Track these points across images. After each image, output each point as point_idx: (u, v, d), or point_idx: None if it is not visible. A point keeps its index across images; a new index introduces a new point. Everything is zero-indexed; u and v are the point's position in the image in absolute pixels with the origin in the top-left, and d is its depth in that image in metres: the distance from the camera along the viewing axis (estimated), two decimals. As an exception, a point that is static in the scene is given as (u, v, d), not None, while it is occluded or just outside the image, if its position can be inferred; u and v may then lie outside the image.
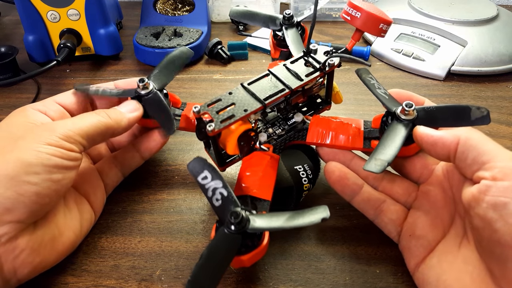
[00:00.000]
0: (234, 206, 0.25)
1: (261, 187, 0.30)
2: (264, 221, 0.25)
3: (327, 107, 0.37)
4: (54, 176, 0.26)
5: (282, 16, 0.38)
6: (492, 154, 0.24)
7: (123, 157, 0.36)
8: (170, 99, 0.36)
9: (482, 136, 0.25)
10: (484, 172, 0.23)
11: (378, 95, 0.30)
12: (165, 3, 0.62)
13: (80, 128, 0.28)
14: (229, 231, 0.24)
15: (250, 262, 0.25)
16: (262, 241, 0.26)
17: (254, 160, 0.31)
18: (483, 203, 0.23)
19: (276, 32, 0.40)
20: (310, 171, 0.32)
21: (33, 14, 0.51)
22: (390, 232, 0.30)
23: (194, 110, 0.29)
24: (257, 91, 0.30)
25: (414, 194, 0.31)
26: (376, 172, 0.26)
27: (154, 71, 0.35)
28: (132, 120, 0.32)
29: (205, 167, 0.27)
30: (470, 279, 0.24)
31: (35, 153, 0.25)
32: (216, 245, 0.24)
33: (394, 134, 0.28)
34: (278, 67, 0.32)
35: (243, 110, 0.29)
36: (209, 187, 0.26)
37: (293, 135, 0.34)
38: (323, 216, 0.24)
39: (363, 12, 0.32)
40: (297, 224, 0.24)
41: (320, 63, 0.32)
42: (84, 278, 0.30)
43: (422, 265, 0.27)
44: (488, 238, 0.23)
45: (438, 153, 0.26)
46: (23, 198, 0.25)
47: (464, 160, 0.25)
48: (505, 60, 0.53)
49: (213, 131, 0.28)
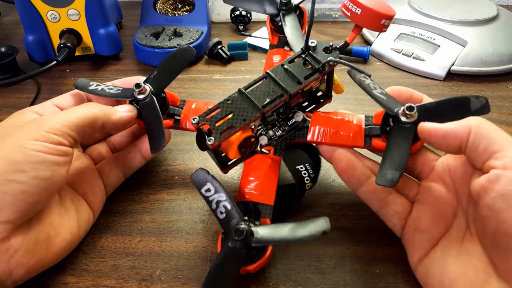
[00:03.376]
0: (238, 219, 0.26)
1: (263, 192, 0.30)
2: (267, 232, 0.26)
3: (328, 101, 0.36)
4: (42, 174, 0.25)
5: (279, 1, 0.37)
6: (503, 143, 0.23)
7: (125, 157, 0.35)
8: (169, 98, 0.35)
9: (492, 125, 0.25)
10: (494, 161, 0.23)
11: (376, 97, 0.30)
12: (165, 3, 0.62)
13: (69, 120, 0.28)
14: (233, 246, 0.25)
15: (255, 270, 0.27)
16: (266, 251, 0.27)
17: (256, 164, 0.32)
18: (492, 193, 0.23)
19: (273, 17, 0.38)
20: (311, 170, 0.32)
21: (33, 14, 0.51)
22: (394, 225, 0.30)
23: (193, 122, 0.28)
24: (255, 97, 0.30)
25: (416, 189, 0.30)
26: (389, 186, 0.26)
27: (154, 71, 0.34)
28: (123, 117, 0.32)
29: (208, 179, 0.27)
30: (473, 272, 0.24)
31: (21, 150, 0.25)
32: (222, 260, 0.26)
33: (400, 141, 0.28)
34: (276, 69, 0.31)
35: (242, 120, 0.29)
36: (213, 200, 0.27)
37: (293, 134, 0.33)
38: (323, 229, 0.24)
39: (362, 8, 0.30)
40: (299, 237, 0.24)
41: (320, 63, 0.31)
42: (84, 278, 0.30)
43: (425, 258, 0.27)
44: (493, 229, 0.23)
45: (450, 145, 0.26)
46: (9, 197, 0.24)
47: (475, 149, 0.24)
48: (505, 60, 0.53)
49: (213, 144, 0.27)
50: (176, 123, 0.36)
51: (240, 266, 0.26)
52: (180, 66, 0.35)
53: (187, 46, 0.36)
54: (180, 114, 0.36)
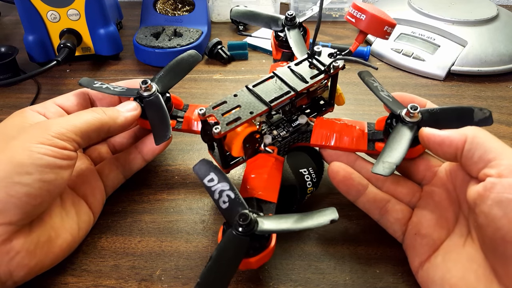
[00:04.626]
0: (242, 208, 0.25)
1: (267, 189, 0.30)
2: (272, 223, 0.25)
3: (330, 109, 0.37)
4: (47, 176, 0.25)
5: (284, 17, 0.38)
6: (498, 152, 0.24)
7: (125, 158, 0.35)
8: (173, 101, 0.36)
9: (489, 135, 0.25)
10: (490, 169, 0.24)
11: (382, 98, 0.30)
12: (165, 3, 0.62)
13: (74, 125, 0.28)
14: (237, 233, 0.24)
15: (258, 264, 0.26)
16: (269, 243, 0.26)
17: (259, 162, 0.32)
18: (488, 200, 0.23)
19: (278, 33, 0.40)
20: (314, 174, 0.32)
21: (33, 14, 0.51)
22: (395, 231, 0.30)
23: (200, 112, 0.28)
24: (262, 93, 0.30)
25: (418, 195, 0.31)
26: (384, 175, 0.26)
27: (160, 73, 0.35)
28: (129, 118, 0.32)
29: (211, 169, 0.27)
30: (475, 277, 0.24)
31: (27, 153, 0.25)
32: (224, 247, 0.24)
33: (400, 137, 0.28)
34: (283, 69, 0.32)
35: (249, 112, 0.29)
36: (216, 189, 0.26)
37: (297, 137, 0.34)
38: (332, 218, 0.24)
39: (368, 14, 0.31)
40: (305, 226, 0.24)
41: (325, 65, 0.32)
42: (84, 278, 0.30)
43: (426, 263, 0.27)
44: (491, 236, 0.23)
45: (445, 152, 0.26)
46: (13, 199, 0.24)
47: (471, 158, 0.25)
48: (505, 60, 0.53)
49: (219, 133, 0.28)
50: (178, 125, 0.36)
51: (243, 256, 0.24)
52: (185, 69, 0.36)
53: (194, 51, 0.37)
54: (183, 116, 0.36)
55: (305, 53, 0.34)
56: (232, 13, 0.42)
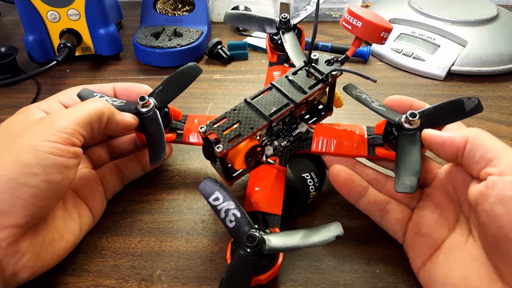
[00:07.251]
0: (249, 227, 0.26)
1: (271, 201, 0.30)
2: (279, 240, 0.25)
3: (329, 113, 0.37)
4: (53, 177, 0.25)
5: (278, 20, 0.38)
6: (499, 151, 0.24)
7: (125, 167, 0.36)
8: (171, 113, 0.35)
9: (489, 135, 0.26)
10: (491, 168, 0.24)
11: (376, 109, 0.30)
12: (165, 3, 0.62)
13: (78, 116, 0.27)
14: (245, 254, 0.25)
15: (267, 280, 0.26)
16: (277, 259, 0.26)
17: (262, 174, 0.32)
18: (490, 198, 0.23)
19: (272, 36, 0.39)
20: (316, 179, 0.32)
21: (33, 14, 0.51)
22: (395, 232, 0.30)
23: (201, 131, 0.28)
24: (261, 107, 0.30)
25: (418, 196, 0.31)
26: (411, 192, 0.26)
27: (159, 86, 0.34)
28: (126, 120, 0.32)
29: (216, 188, 0.27)
30: (477, 276, 0.24)
31: (33, 152, 0.25)
32: (234, 269, 0.25)
33: (410, 147, 0.28)
34: (280, 80, 0.32)
35: (249, 128, 0.28)
36: (221, 208, 0.26)
37: (298, 145, 0.34)
38: (337, 234, 0.24)
39: (363, 21, 0.30)
40: (311, 243, 0.24)
41: (323, 74, 0.32)
42: (84, 278, 0.30)
43: (428, 263, 0.27)
44: (494, 234, 0.23)
45: (447, 152, 0.27)
46: (20, 201, 0.24)
47: (472, 158, 0.25)
48: (505, 60, 0.53)
49: (222, 152, 0.27)
50: (178, 137, 0.36)
51: (253, 275, 0.25)
52: (185, 83, 0.35)
53: (194, 63, 0.36)
54: (182, 128, 0.36)
55: (302, 57, 0.34)
56: (225, 17, 0.41)
